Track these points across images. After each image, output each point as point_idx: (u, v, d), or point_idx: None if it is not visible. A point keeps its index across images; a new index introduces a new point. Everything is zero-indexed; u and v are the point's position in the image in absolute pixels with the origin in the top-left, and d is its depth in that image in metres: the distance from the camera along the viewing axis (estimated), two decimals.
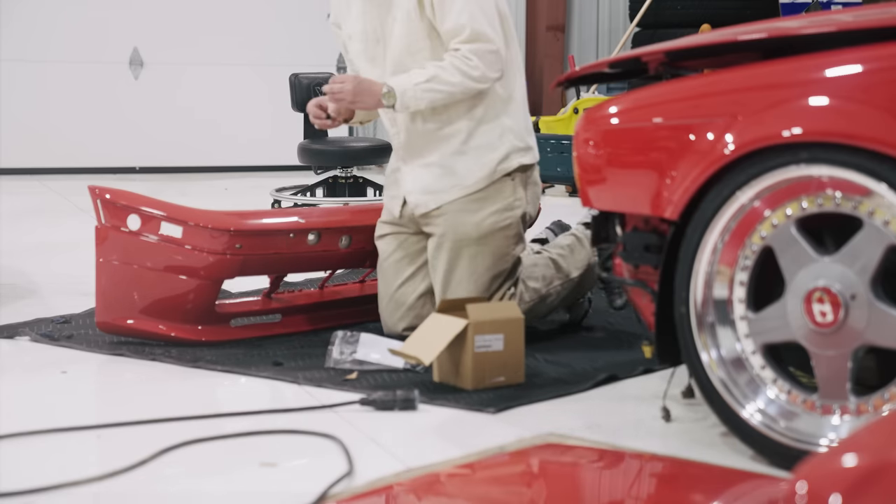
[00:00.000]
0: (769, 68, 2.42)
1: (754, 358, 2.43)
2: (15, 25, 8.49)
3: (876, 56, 2.29)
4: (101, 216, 3.37)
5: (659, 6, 8.84)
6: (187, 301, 3.39)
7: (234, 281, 3.67)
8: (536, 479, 2.41)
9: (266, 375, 3.11)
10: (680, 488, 2.39)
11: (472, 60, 3.26)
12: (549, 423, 2.71)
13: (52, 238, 5.58)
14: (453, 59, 3.27)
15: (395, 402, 2.80)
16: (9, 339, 3.49)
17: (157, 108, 8.84)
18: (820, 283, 2.31)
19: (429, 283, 3.45)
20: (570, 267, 3.55)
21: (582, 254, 3.58)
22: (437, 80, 3.27)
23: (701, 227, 2.42)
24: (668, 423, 2.70)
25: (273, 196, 6.44)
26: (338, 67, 9.09)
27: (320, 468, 2.37)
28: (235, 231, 3.39)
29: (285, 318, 3.63)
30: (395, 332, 3.46)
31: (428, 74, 3.28)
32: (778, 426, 2.38)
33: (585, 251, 3.58)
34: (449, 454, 2.48)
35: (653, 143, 2.51)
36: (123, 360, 3.28)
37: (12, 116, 8.51)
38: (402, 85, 3.29)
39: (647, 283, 2.56)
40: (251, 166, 9.02)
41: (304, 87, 6.32)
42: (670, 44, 2.67)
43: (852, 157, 2.23)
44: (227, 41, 8.96)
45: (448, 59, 3.28)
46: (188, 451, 2.50)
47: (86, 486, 2.28)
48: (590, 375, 3.10)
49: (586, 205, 2.67)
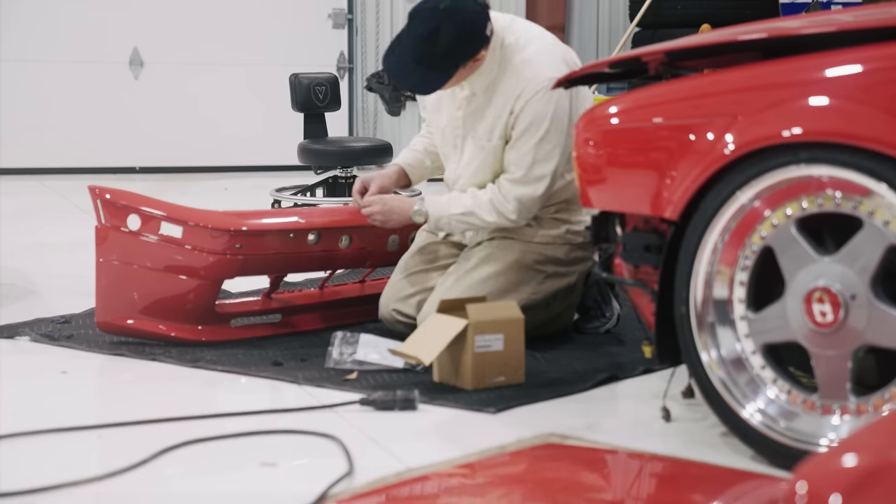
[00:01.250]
0: (769, 68, 2.42)
1: (754, 358, 2.43)
2: (15, 25, 8.48)
3: (876, 56, 2.29)
4: (101, 216, 3.37)
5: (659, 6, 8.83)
6: (187, 301, 3.39)
7: (234, 281, 3.67)
8: (536, 479, 2.41)
9: (266, 375, 3.11)
10: (680, 488, 2.39)
11: (512, 205, 3.29)
12: (549, 423, 2.71)
13: (52, 238, 5.58)
14: (494, 196, 3.31)
15: (395, 402, 2.80)
16: (9, 339, 3.49)
17: (158, 108, 8.83)
18: (820, 283, 2.31)
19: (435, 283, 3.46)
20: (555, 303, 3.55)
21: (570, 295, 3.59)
22: (473, 216, 3.33)
23: (701, 227, 2.42)
24: (668, 423, 2.70)
25: (273, 196, 6.43)
26: (338, 68, 9.09)
27: (320, 468, 2.37)
28: (235, 231, 3.39)
29: (285, 318, 3.63)
30: (387, 314, 3.50)
31: (465, 207, 3.33)
32: (778, 426, 2.38)
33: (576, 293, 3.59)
34: (449, 454, 2.48)
35: (653, 143, 2.51)
36: (123, 360, 3.28)
37: (12, 116, 8.50)
38: (438, 211, 3.36)
39: (647, 283, 2.56)
40: (251, 166, 9.01)
41: (304, 88, 6.32)
42: (670, 44, 2.67)
43: (852, 157, 2.23)
44: (228, 41, 8.95)
45: (490, 194, 3.32)
46: (188, 451, 2.50)
47: (86, 486, 2.28)
48: (590, 375, 3.10)
49: (586, 205, 2.66)
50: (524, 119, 3.24)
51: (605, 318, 3.63)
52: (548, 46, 3.33)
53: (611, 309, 3.65)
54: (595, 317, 3.63)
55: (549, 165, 3.26)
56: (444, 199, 3.38)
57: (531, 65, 3.25)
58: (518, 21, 3.40)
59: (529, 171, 3.26)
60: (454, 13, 3.17)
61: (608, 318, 3.63)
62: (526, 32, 3.35)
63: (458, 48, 3.20)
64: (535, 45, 3.30)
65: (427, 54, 3.18)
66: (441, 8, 3.17)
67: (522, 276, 3.38)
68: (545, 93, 3.22)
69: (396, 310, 3.50)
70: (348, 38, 9.20)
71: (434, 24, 3.16)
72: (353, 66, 9.16)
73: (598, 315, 3.63)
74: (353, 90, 9.10)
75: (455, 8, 3.17)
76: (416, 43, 3.18)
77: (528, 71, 3.24)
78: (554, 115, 3.24)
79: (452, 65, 3.22)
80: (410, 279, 3.52)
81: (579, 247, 3.43)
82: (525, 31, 3.36)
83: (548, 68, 3.24)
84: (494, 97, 3.30)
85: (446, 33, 3.16)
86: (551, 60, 3.28)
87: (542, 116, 3.23)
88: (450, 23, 3.16)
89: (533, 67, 3.24)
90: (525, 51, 3.28)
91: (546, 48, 3.32)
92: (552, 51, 3.33)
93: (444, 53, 3.18)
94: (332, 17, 9.15)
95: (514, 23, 3.37)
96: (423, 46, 3.17)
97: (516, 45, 3.29)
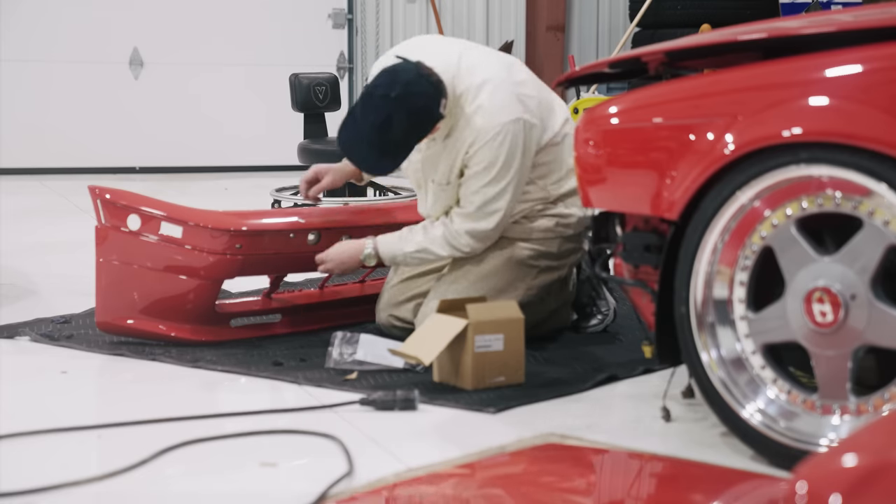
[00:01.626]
0: (769, 68, 2.42)
1: (754, 358, 2.43)
2: (16, 25, 8.49)
3: (876, 56, 2.29)
4: (101, 216, 3.37)
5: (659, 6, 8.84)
6: (187, 301, 3.39)
7: (234, 281, 3.67)
8: (536, 479, 2.41)
9: (266, 375, 3.11)
10: (680, 488, 2.39)
11: (464, 238, 3.32)
12: (549, 423, 2.71)
13: (52, 238, 5.58)
14: (447, 232, 3.32)
15: (395, 402, 2.80)
16: (9, 339, 3.49)
17: (158, 108, 8.84)
18: (820, 283, 2.31)
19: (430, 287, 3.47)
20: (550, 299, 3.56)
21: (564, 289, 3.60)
22: (426, 252, 3.37)
23: (701, 227, 2.42)
24: (668, 423, 2.70)
25: (273, 196, 6.43)
26: (338, 68, 9.09)
27: (320, 468, 2.37)
28: (235, 231, 3.39)
29: (285, 318, 3.63)
30: (383, 320, 3.53)
31: (418, 245, 3.36)
32: (778, 426, 2.38)
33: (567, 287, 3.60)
34: (449, 454, 2.48)
35: (653, 143, 2.51)
36: (123, 360, 3.28)
37: (13, 116, 8.50)
38: (390, 251, 3.39)
39: (647, 283, 2.56)
40: (251, 166, 9.01)
41: (304, 87, 6.32)
42: (670, 44, 2.67)
43: (852, 157, 2.23)
44: (228, 41, 8.95)
45: (443, 228, 3.33)
46: (188, 451, 2.50)
47: (86, 486, 2.28)
48: (590, 375, 3.10)
49: (586, 205, 2.67)
50: (476, 162, 3.25)
51: (602, 313, 3.64)
52: (499, 87, 3.26)
53: (606, 303, 3.66)
54: (591, 314, 3.65)
55: (500, 202, 3.27)
56: (396, 239, 3.40)
57: (483, 112, 3.23)
58: (466, 57, 3.30)
59: (481, 208, 3.28)
60: (406, 100, 3.12)
61: (605, 314, 3.64)
62: (477, 74, 3.27)
63: (412, 134, 3.19)
64: (486, 89, 3.25)
65: (380, 142, 3.16)
66: (392, 96, 3.12)
67: (517, 273, 3.39)
68: (496, 137, 3.22)
69: (393, 315, 3.52)
70: (348, 38, 9.20)
71: (386, 113, 3.12)
72: (353, 66, 9.16)
73: (595, 311, 3.65)
74: (353, 90, 9.10)
75: (407, 95, 3.13)
76: (369, 130, 3.15)
77: (480, 119, 3.23)
78: (507, 156, 3.23)
79: (406, 149, 3.22)
80: (405, 284, 3.53)
81: (570, 239, 3.44)
82: (475, 71, 3.28)
83: (499, 114, 3.22)
84: (449, 143, 3.30)
85: (399, 122, 3.13)
86: (503, 104, 3.24)
87: (493, 160, 3.23)
88: (402, 111, 3.13)
89: (484, 115, 3.23)
90: (478, 98, 3.24)
91: (498, 89, 3.26)
92: (504, 90, 3.26)
93: (396, 141, 3.18)
94: (332, 17, 9.15)
95: (462, 62, 3.28)
96: (375, 135, 3.14)
97: (467, 92, 3.25)
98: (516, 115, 3.23)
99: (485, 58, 3.35)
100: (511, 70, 3.34)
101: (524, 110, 3.26)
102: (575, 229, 3.43)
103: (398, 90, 3.12)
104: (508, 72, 3.32)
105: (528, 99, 3.29)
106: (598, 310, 3.65)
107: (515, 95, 3.27)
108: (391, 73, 3.17)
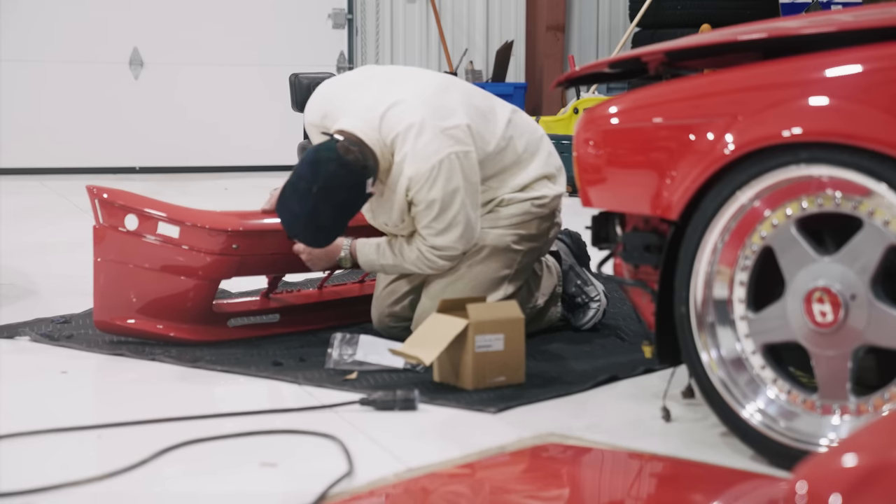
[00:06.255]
0: (769, 68, 2.41)
1: (754, 358, 2.43)
2: (15, 25, 8.49)
3: (876, 56, 2.29)
4: (99, 216, 3.37)
5: (659, 6, 8.85)
6: (185, 301, 3.39)
7: (233, 281, 3.67)
8: (536, 479, 2.41)
9: (266, 375, 3.11)
10: (680, 488, 2.39)
11: (433, 260, 3.33)
12: (549, 423, 2.71)
13: (52, 238, 5.58)
14: (419, 257, 3.34)
15: (395, 402, 2.80)
16: (9, 339, 3.49)
17: (157, 108, 8.84)
18: (820, 283, 2.31)
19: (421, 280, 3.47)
20: (537, 294, 3.56)
21: (549, 281, 3.62)
22: (400, 267, 3.39)
23: (701, 227, 2.42)
24: (668, 423, 2.70)
25: None
26: (338, 67, 9.10)
27: (320, 468, 2.37)
28: (233, 231, 3.39)
29: (284, 318, 3.63)
30: (379, 322, 3.52)
31: (394, 261, 3.38)
32: (778, 426, 2.38)
33: (553, 279, 3.63)
34: (449, 454, 2.48)
35: (653, 143, 2.51)
36: (123, 360, 3.28)
37: (12, 116, 8.51)
38: (366, 258, 3.41)
39: (647, 283, 2.56)
40: (251, 166, 9.02)
41: (304, 87, 6.32)
42: (670, 44, 2.67)
43: (852, 157, 2.23)
44: (227, 41, 8.96)
45: (416, 253, 3.34)
46: (188, 451, 2.50)
47: (86, 486, 2.28)
48: (590, 375, 3.10)
49: (586, 205, 2.67)
50: (418, 202, 3.26)
51: (594, 300, 3.65)
52: (423, 129, 3.23)
53: (594, 288, 3.66)
54: (584, 305, 3.66)
55: (457, 227, 3.28)
56: (373, 250, 3.41)
57: (411, 159, 3.22)
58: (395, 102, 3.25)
59: (437, 237, 3.30)
60: (328, 193, 3.14)
61: (597, 301, 3.65)
62: (403, 120, 3.23)
63: (340, 219, 3.23)
64: (411, 135, 3.22)
65: (313, 226, 3.20)
66: (314, 191, 3.13)
67: (506, 260, 3.40)
68: (428, 180, 3.21)
69: (390, 315, 3.51)
70: (348, 38, 9.21)
71: (311, 205, 3.14)
72: (352, 66, 9.16)
73: (587, 301, 3.66)
74: None
75: (328, 188, 3.13)
76: (300, 215, 3.17)
77: (409, 167, 3.23)
78: (445, 192, 3.23)
79: (341, 227, 3.26)
80: (396, 284, 3.52)
81: (546, 218, 3.45)
82: (402, 116, 3.24)
83: (428, 158, 3.21)
84: (389, 191, 3.32)
85: (325, 211, 3.16)
86: (428, 145, 3.21)
87: (433, 200, 3.24)
88: (326, 203, 3.15)
89: (413, 161, 3.22)
90: (404, 145, 3.23)
91: (423, 131, 3.22)
92: (428, 131, 3.23)
93: (327, 226, 3.22)
94: (332, 17, 9.16)
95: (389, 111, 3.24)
96: (306, 220, 3.17)
97: (396, 140, 3.24)
98: (445, 152, 3.21)
99: (412, 96, 3.29)
100: (438, 101, 3.30)
101: (453, 143, 3.24)
102: (549, 208, 3.45)
103: (320, 183, 3.13)
104: (433, 107, 3.27)
105: (456, 129, 3.26)
106: (588, 297, 3.66)
107: (441, 131, 3.23)
108: (313, 165, 3.15)
